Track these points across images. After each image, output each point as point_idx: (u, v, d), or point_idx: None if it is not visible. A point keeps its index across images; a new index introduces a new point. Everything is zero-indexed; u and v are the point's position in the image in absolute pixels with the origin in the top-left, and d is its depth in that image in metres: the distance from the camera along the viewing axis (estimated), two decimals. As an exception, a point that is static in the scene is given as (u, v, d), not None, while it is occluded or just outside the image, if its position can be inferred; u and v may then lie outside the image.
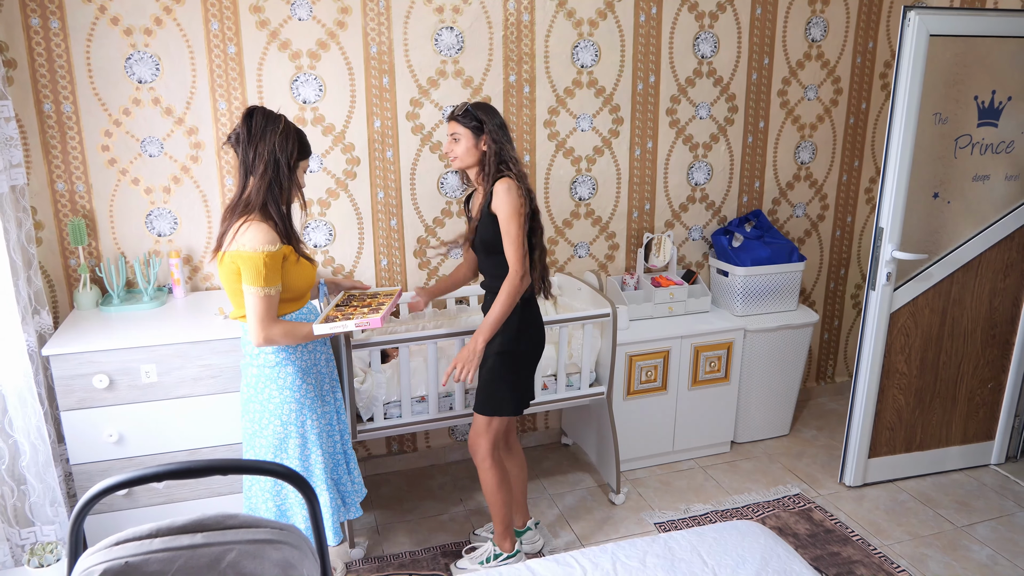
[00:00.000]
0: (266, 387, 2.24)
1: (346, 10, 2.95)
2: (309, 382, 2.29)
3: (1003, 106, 3.03)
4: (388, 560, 2.83)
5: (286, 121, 2.16)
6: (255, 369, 2.25)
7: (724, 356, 3.41)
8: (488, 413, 2.52)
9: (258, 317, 2.10)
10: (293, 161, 2.16)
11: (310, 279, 2.27)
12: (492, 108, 2.45)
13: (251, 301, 2.09)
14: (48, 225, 2.85)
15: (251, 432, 2.29)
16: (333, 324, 2.19)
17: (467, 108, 2.41)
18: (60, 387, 2.46)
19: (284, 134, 2.13)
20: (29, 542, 2.63)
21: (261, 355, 2.22)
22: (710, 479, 3.39)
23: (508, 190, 2.35)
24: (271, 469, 1.29)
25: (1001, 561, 2.79)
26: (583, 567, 1.99)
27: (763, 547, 2.07)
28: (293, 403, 2.25)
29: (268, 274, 2.08)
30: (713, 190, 3.68)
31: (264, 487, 2.32)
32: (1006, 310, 3.26)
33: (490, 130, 2.40)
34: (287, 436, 2.27)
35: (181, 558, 1.13)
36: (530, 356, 2.55)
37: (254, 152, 2.11)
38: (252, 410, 2.28)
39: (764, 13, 3.50)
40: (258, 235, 2.08)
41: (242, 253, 2.07)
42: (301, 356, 2.27)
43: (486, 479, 2.59)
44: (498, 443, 2.60)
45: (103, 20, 2.73)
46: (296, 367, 2.25)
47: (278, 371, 2.23)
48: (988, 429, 3.41)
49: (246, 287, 2.09)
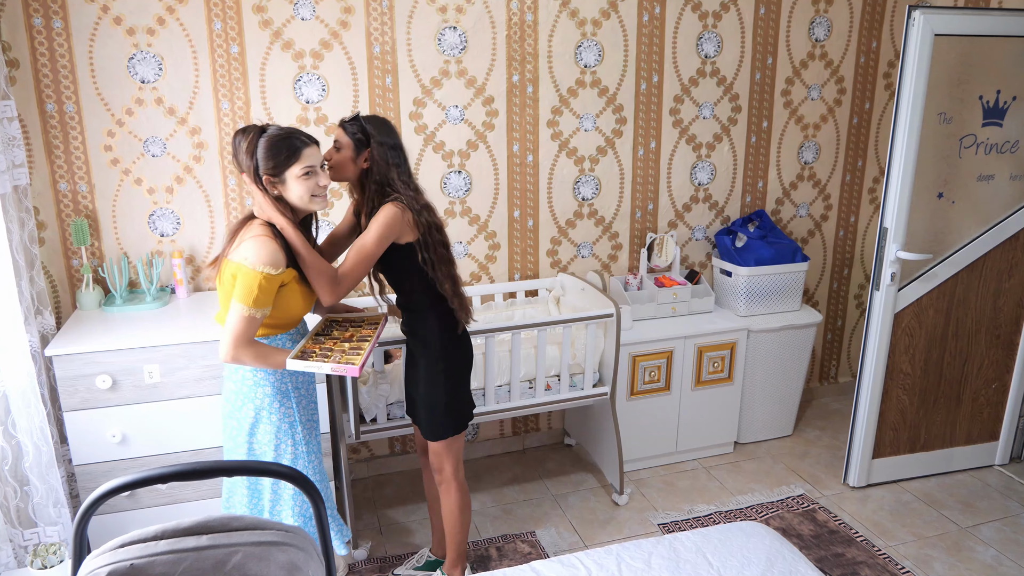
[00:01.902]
0: (243, 406, 2.13)
1: (349, 10, 2.94)
2: (288, 405, 2.16)
3: (1008, 106, 3.02)
4: (391, 561, 2.83)
5: (256, 134, 2.02)
6: (232, 384, 2.14)
7: (727, 356, 3.40)
8: (438, 438, 2.40)
9: (233, 335, 1.98)
10: (264, 174, 2.02)
11: (305, 307, 2.15)
12: (389, 126, 2.21)
13: (233, 318, 1.98)
14: (51, 225, 2.85)
15: (229, 448, 2.20)
16: (308, 363, 2.01)
17: (356, 116, 2.19)
18: (63, 388, 2.45)
19: (248, 151, 2.00)
20: (32, 543, 2.62)
21: (239, 371, 2.11)
22: (714, 480, 3.38)
23: (392, 215, 2.13)
24: (277, 471, 1.28)
25: (1006, 562, 2.78)
26: (587, 568, 1.99)
27: (768, 548, 2.07)
28: (270, 425, 2.14)
29: (260, 296, 1.96)
30: (716, 190, 3.67)
31: (242, 500, 2.22)
32: (1011, 310, 3.25)
33: (376, 146, 2.15)
34: (262, 457, 2.16)
35: (186, 560, 1.13)
36: (459, 372, 2.40)
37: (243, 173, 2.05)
38: (230, 427, 2.18)
39: (767, 13, 3.49)
40: (262, 252, 1.96)
41: (242, 267, 1.96)
42: (280, 379, 2.15)
43: (448, 501, 2.46)
44: (460, 464, 2.46)
45: (106, 20, 2.73)
46: (275, 389, 2.13)
47: (255, 391, 2.12)
48: (992, 430, 3.40)
49: (233, 302, 1.98)
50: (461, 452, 2.46)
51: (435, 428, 2.40)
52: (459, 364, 2.40)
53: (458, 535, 2.51)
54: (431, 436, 2.41)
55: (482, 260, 3.38)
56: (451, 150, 3.21)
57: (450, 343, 2.35)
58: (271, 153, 2.00)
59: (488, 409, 2.89)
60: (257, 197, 2.06)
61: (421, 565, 2.75)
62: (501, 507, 3.18)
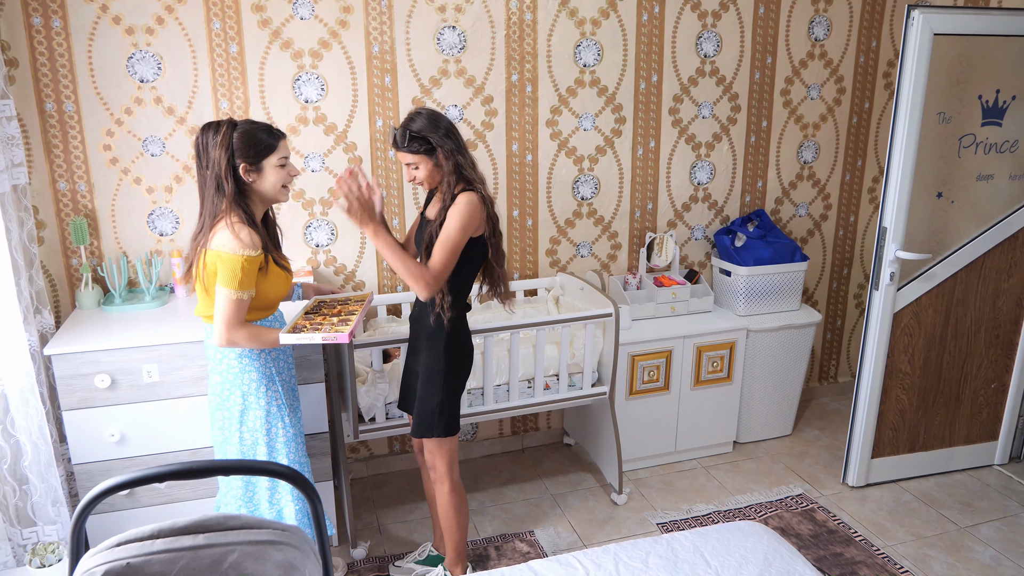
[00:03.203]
0: (231, 394, 2.20)
1: (348, 9, 2.94)
2: (274, 389, 2.23)
3: (1007, 105, 3.02)
4: (390, 560, 2.83)
5: (229, 125, 2.07)
6: (218, 376, 2.20)
7: (726, 356, 3.40)
8: (425, 436, 2.41)
9: (225, 319, 2.06)
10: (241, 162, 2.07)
11: (283, 290, 2.22)
12: (433, 117, 2.23)
13: (221, 303, 2.05)
14: (50, 224, 2.85)
15: (221, 439, 2.25)
16: (300, 335, 2.09)
17: (408, 134, 2.20)
18: (62, 387, 2.45)
19: (223, 143, 2.05)
20: (31, 542, 2.63)
21: (224, 361, 2.18)
22: (712, 479, 3.38)
23: (469, 203, 2.20)
24: (272, 469, 1.28)
25: (1004, 562, 2.78)
26: (585, 568, 1.99)
27: (766, 548, 2.07)
28: (259, 410, 2.21)
29: (244, 278, 2.04)
30: (716, 189, 3.67)
31: (236, 495, 2.27)
32: (1010, 310, 3.25)
33: (440, 144, 2.21)
34: (255, 443, 2.23)
35: (183, 559, 1.13)
36: (458, 374, 2.41)
37: (206, 169, 2.08)
38: (220, 417, 2.23)
39: (767, 12, 3.49)
40: (240, 236, 2.04)
41: (221, 254, 2.03)
42: (265, 363, 2.21)
43: (442, 499, 2.47)
44: (455, 463, 2.46)
45: (105, 19, 2.73)
46: (260, 373, 2.20)
47: (241, 377, 2.18)
48: (992, 429, 3.40)
49: (219, 288, 2.05)
50: (455, 452, 2.46)
51: (424, 425, 2.40)
52: (461, 367, 2.41)
53: (456, 534, 2.51)
54: (418, 432, 2.42)
55: (481, 259, 3.38)
56: (450, 149, 3.21)
57: (456, 343, 2.36)
58: (251, 142, 2.08)
59: (487, 409, 2.90)
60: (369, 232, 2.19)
61: (423, 559, 2.76)
62: (500, 507, 3.18)
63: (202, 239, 2.10)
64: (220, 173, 2.07)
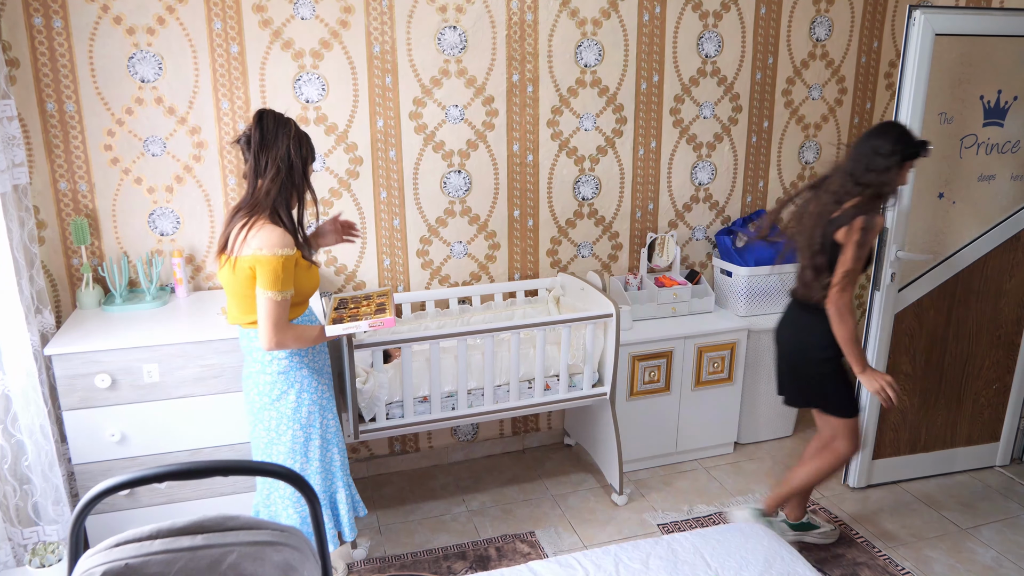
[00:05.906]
0: (284, 393, 2.23)
1: (349, 9, 2.94)
2: (323, 383, 2.31)
3: (1009, 106, 3.01)
4: (390, 561, 2.83)
5: (296, 124, 2.18)
6: (269, 376, 2.23)
7: (728, 356, 3.39)
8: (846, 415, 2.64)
9: (272, 321, 2.09)
10: (306, 164, 2.19)
11: (315, 284, 2.27)
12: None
13: (266, 305, 2.08)
14: (51, 224, 2.85)
15: (268, 440, 2.28)
16: (346, 325, 2.22)
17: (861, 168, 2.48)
18: (62, 386, 2.45)
19: (296, 137, 2.15)
20: (32, 542, 2.63)
21: (274, 362, 2.21)
22: (713, 480, 3.37)
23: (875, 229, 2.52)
24: (272, 470, 1.28)
25: (1006, 563, 2.77)
26: (585, 568, 1.99)
27: (766, 549, 2.06)
28: (313, 405, 2.27)
29: (284, 277, 2.08)
30: (717, 190, 3.66)
31: (283, 494, 2.31)
32: (1011, 311, 3.24)
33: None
34: (308, 439, 2.28)
35: (181, 560, 1.13)
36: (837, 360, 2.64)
37: (267, 156, 2.11)
38: (268, 418, 2.26)
39: (768, 12, 3.48)
40: (274, 238, 2.07)
41: (260, 256, 2.06)
42: (314, 359, 2.28)
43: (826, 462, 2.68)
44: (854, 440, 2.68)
45: (106, 19, 2.73)
46: (310, 369, 2.26)
47: (294, 375, 2.23)
48: (993, 431, 3.39)
49: (261, 291, 2.08)
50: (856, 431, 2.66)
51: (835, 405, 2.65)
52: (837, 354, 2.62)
53: (803, 481, 2.72)
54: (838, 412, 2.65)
55: (482, 260, 3.38)
56: (451, 150, 3.21)
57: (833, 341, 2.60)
58: (310, 145, 2.22)
59: (487, 409, 2.89)
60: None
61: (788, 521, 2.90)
62: (500, 507, 3.18)
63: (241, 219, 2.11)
64: (290, 163, 2.13)
